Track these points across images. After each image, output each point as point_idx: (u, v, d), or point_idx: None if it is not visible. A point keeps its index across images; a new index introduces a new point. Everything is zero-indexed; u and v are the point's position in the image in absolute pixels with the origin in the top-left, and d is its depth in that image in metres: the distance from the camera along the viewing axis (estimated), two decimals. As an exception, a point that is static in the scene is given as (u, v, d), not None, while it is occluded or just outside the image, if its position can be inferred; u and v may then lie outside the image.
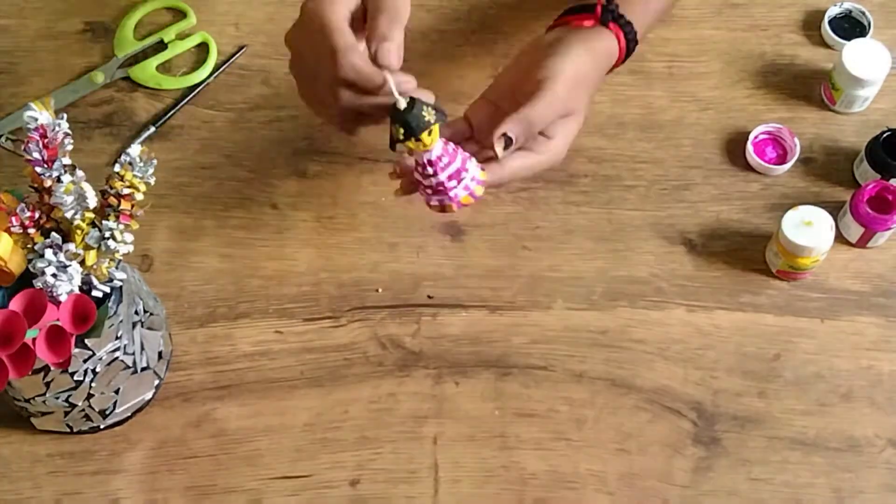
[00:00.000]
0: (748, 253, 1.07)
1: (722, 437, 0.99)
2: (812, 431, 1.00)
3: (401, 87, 0.87)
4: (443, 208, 0.91)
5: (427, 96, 0.88)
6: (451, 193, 0.89)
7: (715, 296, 1.05)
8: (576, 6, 1.02)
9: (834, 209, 1.06)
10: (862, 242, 1.07)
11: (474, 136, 0.98)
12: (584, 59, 0.97)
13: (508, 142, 0.93)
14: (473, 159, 0.91)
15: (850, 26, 1.18)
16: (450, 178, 0.89)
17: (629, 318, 1.04)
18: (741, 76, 1.16)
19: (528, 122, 0.93)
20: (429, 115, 0.85)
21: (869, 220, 1.04)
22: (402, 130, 0.85)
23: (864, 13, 1.18)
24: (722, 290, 1.06)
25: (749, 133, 1.11)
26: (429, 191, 0.90)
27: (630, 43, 1.02)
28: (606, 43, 1.00)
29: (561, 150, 0.98)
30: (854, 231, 1.06)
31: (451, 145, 0.89)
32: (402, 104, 0.85)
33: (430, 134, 0.86)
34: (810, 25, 1.19)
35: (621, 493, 0.97)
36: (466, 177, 0.90)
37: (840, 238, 1.07)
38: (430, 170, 0.88)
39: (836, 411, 1.01)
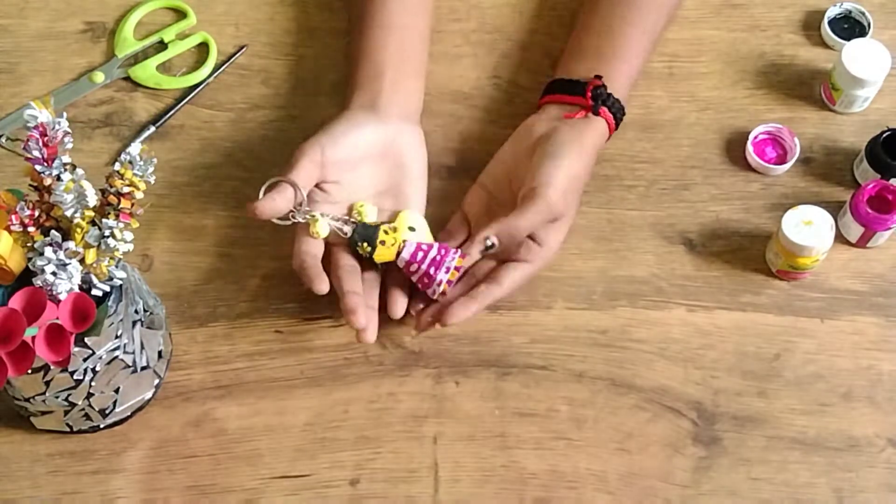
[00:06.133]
0: (748, 253, 1.07)
1: (722, 436, 0.99)
2: (812, 431, 1.00)
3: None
4: (443, 293, 0.99)
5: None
6: (438, 278, 0.98)
7: (715, 296, 1.05)
8: (565, 80, 1.06)
9: (834, 209, 1.06)
10: (862, 242, 1.07)
11: (471, 232, 1.04)
12: (576, 163, 1.02)
13: (490, 247, 0.98)
14: (452, 249, 1.00)
15: (850, 26, 1.18)
16: (439, 250, 0.99)
17: (629, 317, 1.04)
18: (741, 76, 1.16)
19: (515, 230, 0.98)
20: (371, 224, 1.00)
21: (869, 220, 1.04)
22: (366, 247, 0.99)
23: (864, 13, 1.18)
24: (722, 290, 1.06)
25: (749, 133, 1.11)
26: (431, 270, 0.98)
27: (619, 120, 1.06)
28: (598, 131, 1.05)
29: (552, 254, 1.02)
30: (854, 231, 1.06)
31: (424, 244, 1.00)
32: (348, 231, 0.99)
33: (387, 233, 1.00)
34: (810, 25, 1.19)
35: (621, 493, 0.97)
36: (447, 261, 0.99)
37: (840, 238, 1.07)
38: (413, 267, 0.99)
39: (836, 411, 1.01)
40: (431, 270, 0.98)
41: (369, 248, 0.99)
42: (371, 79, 1.05)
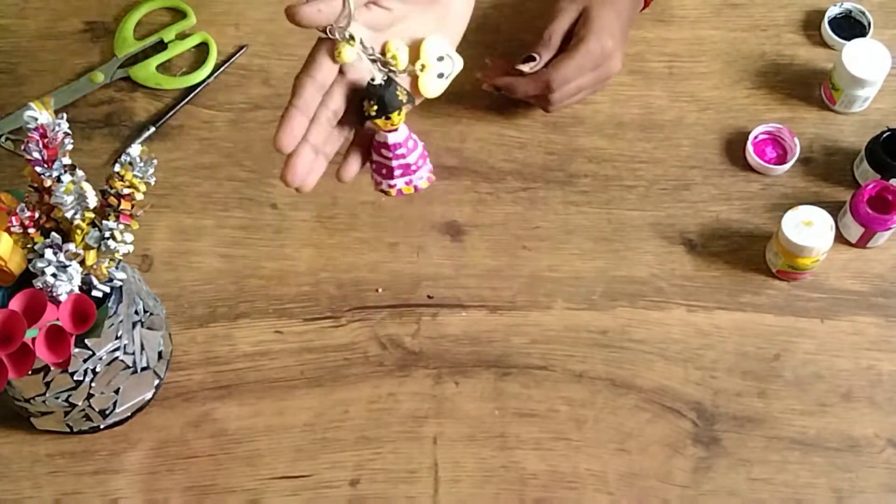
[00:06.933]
0: (748, 253, 1.07)
1: (722, 437, 0.99)
2: (812, 431, 1.00)
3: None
4: (385, 191, 0.92)
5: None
6: (418, 174, 0.91)
7: (715, 296, 1.05)
8: None
9: (834, 209, 1.06)
10: (862, 242, 1.07)
11: None
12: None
13: (530, 58, 1.07)
14: (429, 165, 0.93)
15: (850, 26, 1.18)
16: (416, 160, 0.91)
17: (629, 318, 1.04)
18: (741, 76, 1.16)
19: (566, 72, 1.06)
20: (402, 95, 0.88)
21: (869, 220, 1.04)
22: (375, 107, 0.88)
23: (864, 13, 1.18)
24: (722, 290, 1.06)
25: (749, 133, 1.11)
26: (396, 171, 0.91)
27: None
28: None
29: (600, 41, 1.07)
30: (854, 231, 1.06)
31: (413, 140, 0.91)
32: (379, 79, 0.87)
33: (399, 114, 0.88)
34: (810, 25, 1.19)
35: (621, 493, 0.97)
36: (426, 165, 0.92)
37: (840, 238, 1.07)
38: (400, 150, 0.90)
39: (836, 411, 1.01)
40: (397, 171, 0.91)
41: (374, 112, 0.88)
42: None
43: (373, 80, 0.88)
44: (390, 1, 0.90)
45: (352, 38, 0.86)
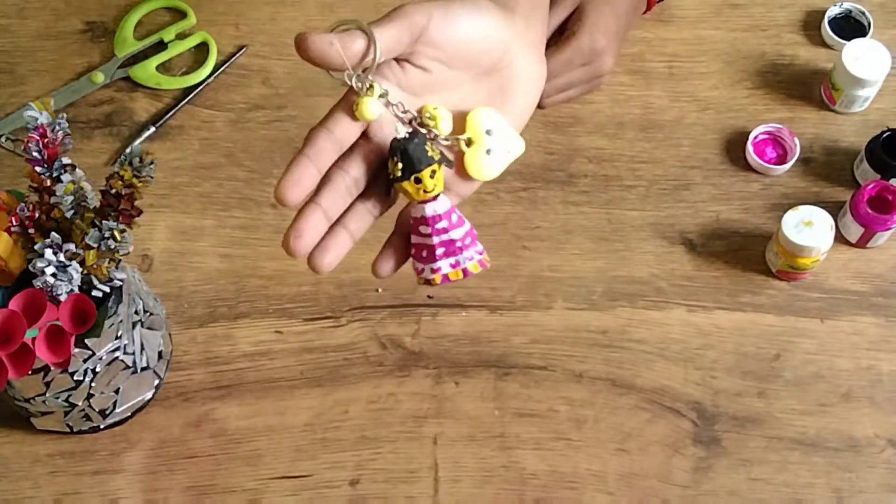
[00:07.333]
0: (748, 253, 1.07)
1: (722, 437, 0.99)
2: (812, 431, 1.00)
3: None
4: (429, 280, 0.74)
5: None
6: (465, 254, 0.74)
7: (715, 296, 1.05)
8: None
9: (834, 209, 1.06)
10: (862, 242, 1.07)
11: None
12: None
13: None
14: (479, 246, 0.76)
15: (850, 26, 1.18)
16: (463, 236, 0.74)
17: (629, 318, 1.04)
18: (741, 76, 1.16)
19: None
20: (433, 152, 0.72)
21: (869, 220, 1.04)
22: (400, 165, 0.71)
23: (864, 13, 1.18)
24: (722, 290, 1.06)
25: (749, 133, 1.11)
26: (438, 250, 0.73)
27: None
28: None
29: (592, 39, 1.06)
30: (854, 231, 1.06)
31: (457, 214, 0.74)
32: (402, 132, 0.72)
33: (432, 176, 0.72)
34: (810, 25, 1.19)
35: (621, 493, 0.97)
36: (475, 246, 0.75)
37: (840, 238, 1.07)
38: (440, 223, 0.73)
39: (836, 411, 1.01)
40: (439, 251, 0.73)
41: (399, 173, 0.71)
42: None
43: (397, 133, 0.72)
44: (429, 60, 0.73)
45: (372, 87, 0.71)
